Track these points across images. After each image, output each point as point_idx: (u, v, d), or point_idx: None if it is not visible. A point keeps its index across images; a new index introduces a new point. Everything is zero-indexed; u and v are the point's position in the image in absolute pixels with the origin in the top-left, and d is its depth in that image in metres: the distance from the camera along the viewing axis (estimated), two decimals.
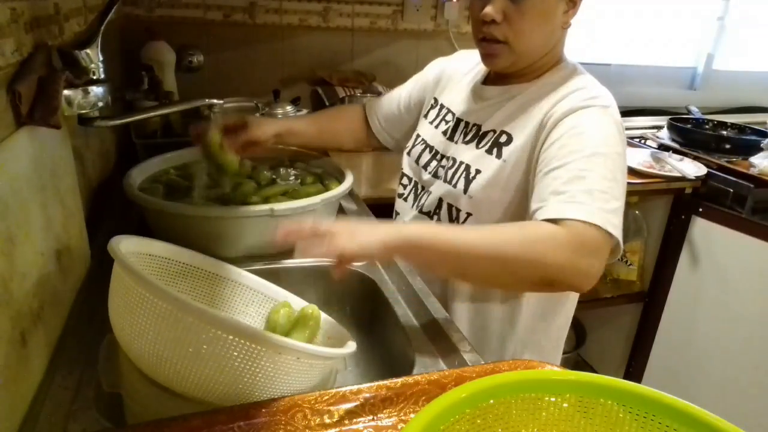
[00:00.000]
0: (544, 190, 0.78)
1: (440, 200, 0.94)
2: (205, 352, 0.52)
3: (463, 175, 0.91)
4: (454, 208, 0.93)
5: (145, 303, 0.53)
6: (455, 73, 1.05)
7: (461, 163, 0.92)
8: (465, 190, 0.90)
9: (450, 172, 0.93)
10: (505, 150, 0.87)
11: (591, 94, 0.83)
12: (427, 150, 1.01)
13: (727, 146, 1.86)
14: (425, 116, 1.07)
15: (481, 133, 0.92)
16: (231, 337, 0.52)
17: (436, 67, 1.11)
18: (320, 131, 1.14)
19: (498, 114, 0.91)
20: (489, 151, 0.89)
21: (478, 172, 0.89)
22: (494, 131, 0.90)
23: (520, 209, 0.87)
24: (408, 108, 1.13)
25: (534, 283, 0.74)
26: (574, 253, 0.70)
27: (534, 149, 0.84)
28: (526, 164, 0.86)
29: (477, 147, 0.91)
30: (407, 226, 0.79)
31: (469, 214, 0.91)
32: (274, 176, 1.08)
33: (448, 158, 0.95)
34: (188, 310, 0.51)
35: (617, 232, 0.74)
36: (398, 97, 1.14)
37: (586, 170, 0.76)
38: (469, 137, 0.94)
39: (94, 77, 0.75)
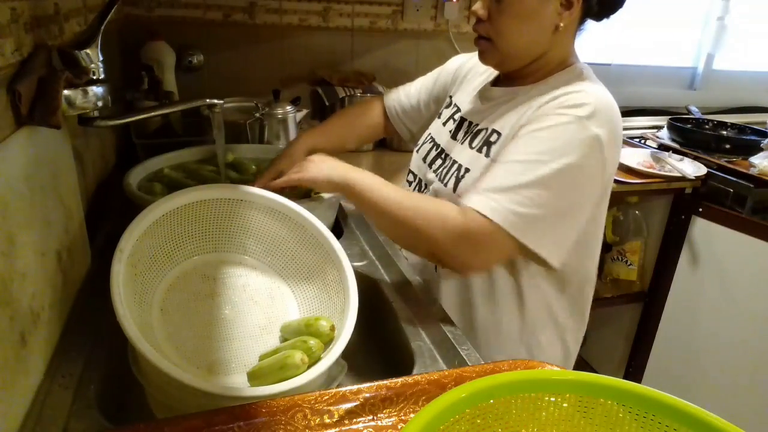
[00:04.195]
0: (479, 180, 0.81)
1: None
2: None
3: (455, 174, 0.91)
4: None
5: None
6: (470, 72, 1.05)
7: (454, 162, 0.93)
8: (454, 189, 0.90)
9: (444, 171, 0.94)
10: (494, 148, 0.87)
11: (574, 102, 0.79)
12: (434, 148, 1.01)
13: (727, 146, 1.86)
14: (439, 115, 1.07)
15: (475, 131, 0.93)
16: None
17: (454, 63, 1.11)
18: (340, 140, 1.13)
19: (495, 114, 0.91)
20: (479, 150, 0.90)
21: (467, 171, 0.90)
22: (486, 129, 0.91)
23: None
24: (427, 104, 1.13)
25: (427, 254, 0.84)
26: (458, 239, 0.77)
27: None
28: None
29: (471, 146, 0.92)
30: (356, 171, 0.84)
31: None
32: None
33: (450, 158, 0.96)
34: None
35: (520, 234, 0.77)
36: (417, 92, 1.14)
37: (518, 174, 0.77)
38: (467, 136, 0.94)
39: (94, 77, 0.75)
